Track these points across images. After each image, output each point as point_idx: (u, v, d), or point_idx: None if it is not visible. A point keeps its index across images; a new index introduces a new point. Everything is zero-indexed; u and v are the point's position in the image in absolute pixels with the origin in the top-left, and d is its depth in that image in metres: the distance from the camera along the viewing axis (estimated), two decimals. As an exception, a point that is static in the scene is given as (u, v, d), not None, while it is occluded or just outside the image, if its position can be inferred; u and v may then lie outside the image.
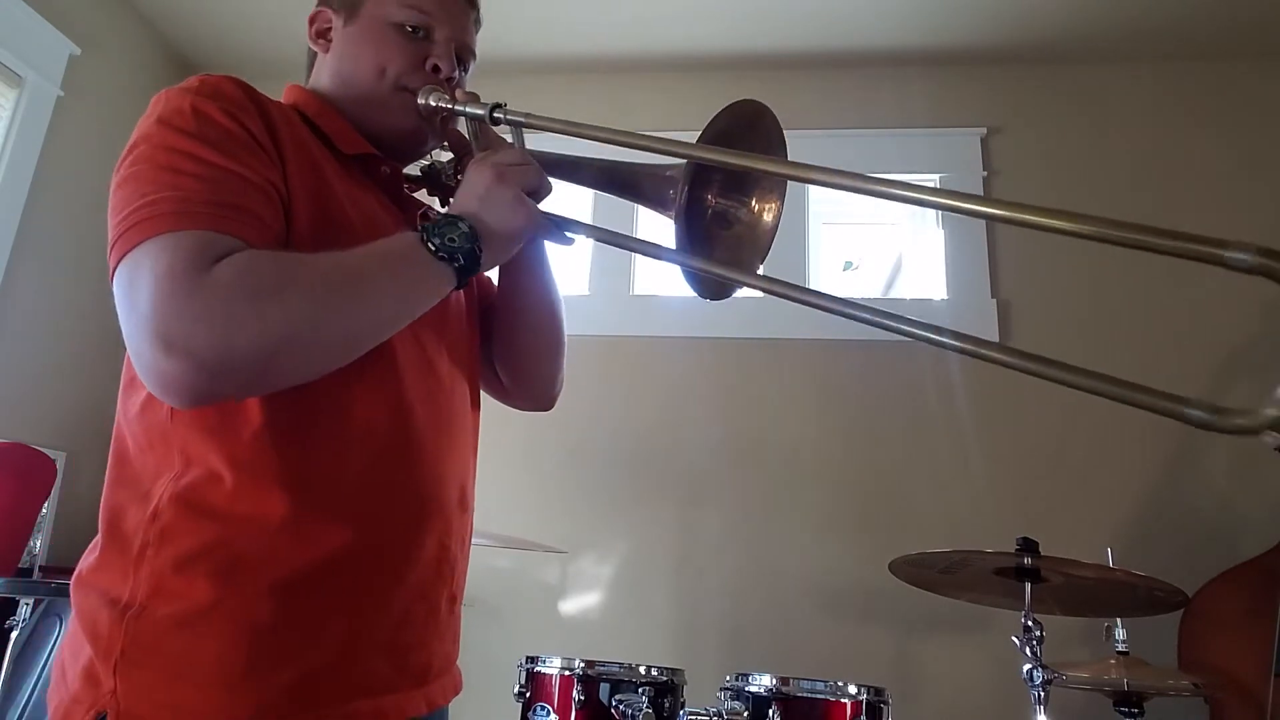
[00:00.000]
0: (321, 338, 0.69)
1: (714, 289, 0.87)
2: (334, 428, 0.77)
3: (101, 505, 0.79)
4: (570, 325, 1.11)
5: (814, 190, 2.91)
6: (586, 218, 2.75)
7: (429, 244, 0.77)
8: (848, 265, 2.98)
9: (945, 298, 2.71)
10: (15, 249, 2.47)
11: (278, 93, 0.93)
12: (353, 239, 0.78)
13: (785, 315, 2.70)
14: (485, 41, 1.09)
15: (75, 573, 0.78)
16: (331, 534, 0.75)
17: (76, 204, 2.72)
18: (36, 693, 1.92)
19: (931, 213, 2.87)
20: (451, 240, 0.78)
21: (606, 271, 2.82)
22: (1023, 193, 2.77)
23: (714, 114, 0.82)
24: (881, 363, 2.60)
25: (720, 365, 2.69)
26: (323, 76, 0.96)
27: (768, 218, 0.91)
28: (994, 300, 2.63)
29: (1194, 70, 2.79)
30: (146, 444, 0.76)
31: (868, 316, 0.69)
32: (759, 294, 0.91)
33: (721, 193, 0.91)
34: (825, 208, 2.94)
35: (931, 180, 2.86)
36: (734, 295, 0.92)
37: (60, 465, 2.53)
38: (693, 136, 0.83)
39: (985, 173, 2.79)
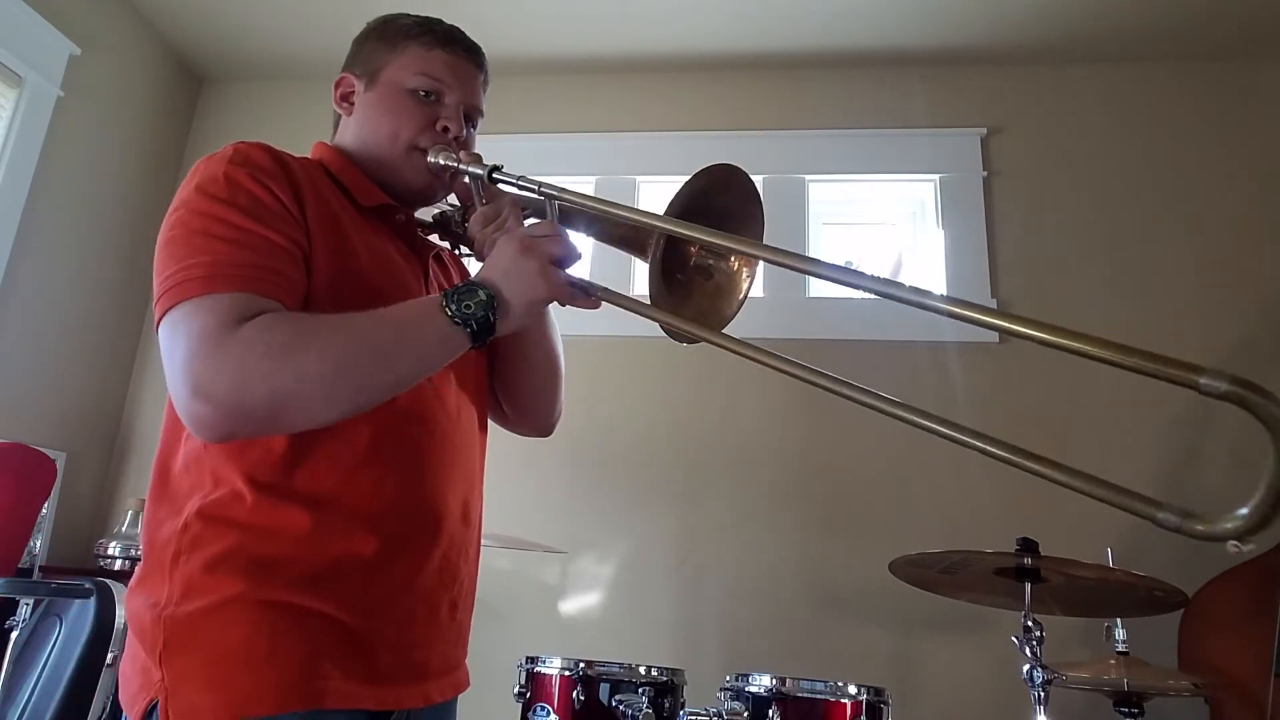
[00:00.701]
0: (333, 394, 0.79)
1: (685, 337, 0.93)
2: (347, 454, 0.87)
3: (142, 522, 0.90)
4: (570, 326, 1.15)
5: (814, 190, 2.92)
6: (587, 255, 2.78)
7: (447, 309, 0.83)
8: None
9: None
10: (15, 249, 2.47)
11: (289, 96, 0.98)
12: (367, 283, 0.90)
13: (785, 316, 2.70)
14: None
15: (128, 586, 0.89)
16: (343, 543, 0.84)
17: (76, 204, 2.72)
18: (37, 693, 1.92)
19: (931, 212, 2.87)
20: (468, 307, 0.84)
21: (606, 273, 2.82)
22: (1022, 193, 2.77)
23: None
24: (881, 363, 2.60)
25: (720, 365, 2.69)
26: (346, 135, 1.07)
27: (745, 272, 1.00)
28: (994, 300, 2.63)
29: (1194, 70, 2.79)
30: (183, 468, 0.87)
31: (848, 393, 0.76)
32: (759, 294, 0.95)
33: (702, 246, 0.99)
34: (825, 208, 2.95)
35: (931, 180, 2.86)
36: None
37: (60, 465, 2.53)
38: (691, 136, 0.85)
39: (985, 173, 2.79)
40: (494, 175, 1.00)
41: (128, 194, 2.90)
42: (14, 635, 1.87)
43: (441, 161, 1.03)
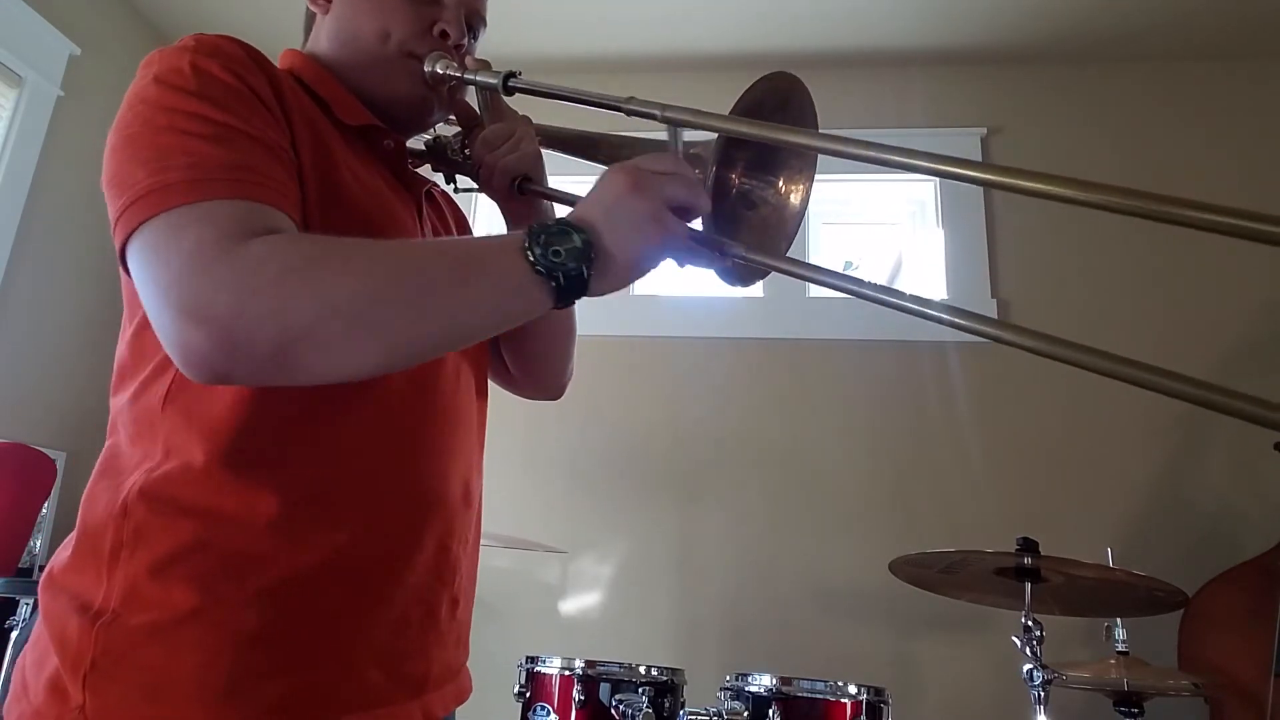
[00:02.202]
0: (362, 335, 0.60)
1: (743, 275, 0.79)
2: (330, 419, 0.71)
3: (82, 498, 0.73)
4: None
5: (815, 190, 2.91)
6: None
7: (530, 252, 0.63)
8: (848, 265, 2.98)
9: (945, 298, 2.71)
10: (15, 249, 2.47)
11: None
12: (359, 215, 0.74)
13: (785, 316, 2.70)
14: (483, 43, 1.02)
15: (46, 570, 0.72)
16: (324, 535, 0.69)
17: (76, 204, 2.72)
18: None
19: (931, 212, 2.87)
20: (556, 254, 0.63)
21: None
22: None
23: (740, 91, 0.76)
24: (882, 362, 2.60)
25: (720, 365, 2.69)
26: (321, 39, 0.88)
27: (795, 199, 0.85)
28: (994, 300, 2.63)
29: (1194, 70, 2.79)
30: (135, 434, 0.71)
31: (909, 305, 0.68)
32: (759, 294, 0.90)
33: (748, 172, 0.84)
34: (825, 208, 2.95)
35: (932, 180, 2.86)
36: (735, 294, 0.89)
37: (60, 465, 2.53)
38: (691, 136, 0.81)
39: (985, 173, 2.78)
40: (510, 83, 0.83)
41: (128, 194, 2.90)
42: (14, 635, 1.87)
43: (440, 70, 0.84)
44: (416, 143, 0.96)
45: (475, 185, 0.94)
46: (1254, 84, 2.74)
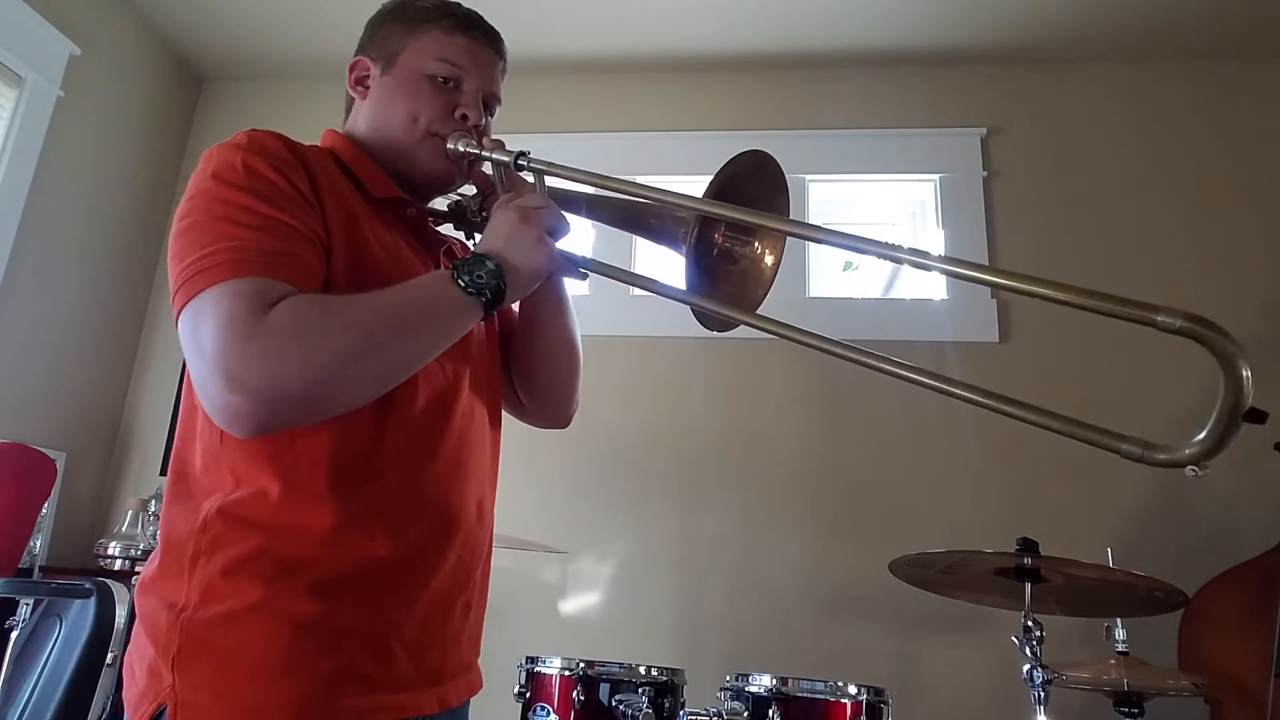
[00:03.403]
0: (363, 372, 0.78)
1: (719, 324, 0.95)
2: (369, 451, 0.85)
3: (160, 522, 0.88)
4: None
5: (814, 190, 2.92)
6: (588, 247, 2.76)
7: (458, 281, 0.84)
8: (848, 266, 2.99)
9: (945, 298, 2.71)
10: (15, 249, 2.47)
11: (289, 96, 0.96)
12: (381, 278, 0.86)
13: (784, 316, 2.69)
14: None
15: (139, 581, 0.87)
16: (367, 545, 0.83)
17: (76, 204, 2.72)
18: (37, 693, 1.92)
19: (931, 212, 2.87)
20: (479, 277, 0.85)
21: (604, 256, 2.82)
22: (1022, 193, 2.77)
23: (722, 162, 0.91)
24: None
25: (720, 365, 2.69)
26: (359, 122, 1.04)
27: (769, 259, 1.00)
28: (994, 300, 2.63)
29: (1194, 70, 2.79)
30: (203, 467, 0.85)
31: (870, 361, 0.78)
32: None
33: (728, 233, 1.00)
34: (825, 208, 2.95)
35: (931, 180, 2.86)
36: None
37: (60, 465, 2.53)
38: (690, 136, 0.85)
39: (985, 173, 2.79)
40: (519, 162, 0.98)
41: (128, 194, 2.90)
42: (14, 635, 1.87)
43: (462, 149, 1.00)
44: (441, 203, 1.12)
45: None
46: (1254, 84, 2.75)
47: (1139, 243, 2.65)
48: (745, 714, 1.59)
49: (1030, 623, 1.57)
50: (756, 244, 0.99)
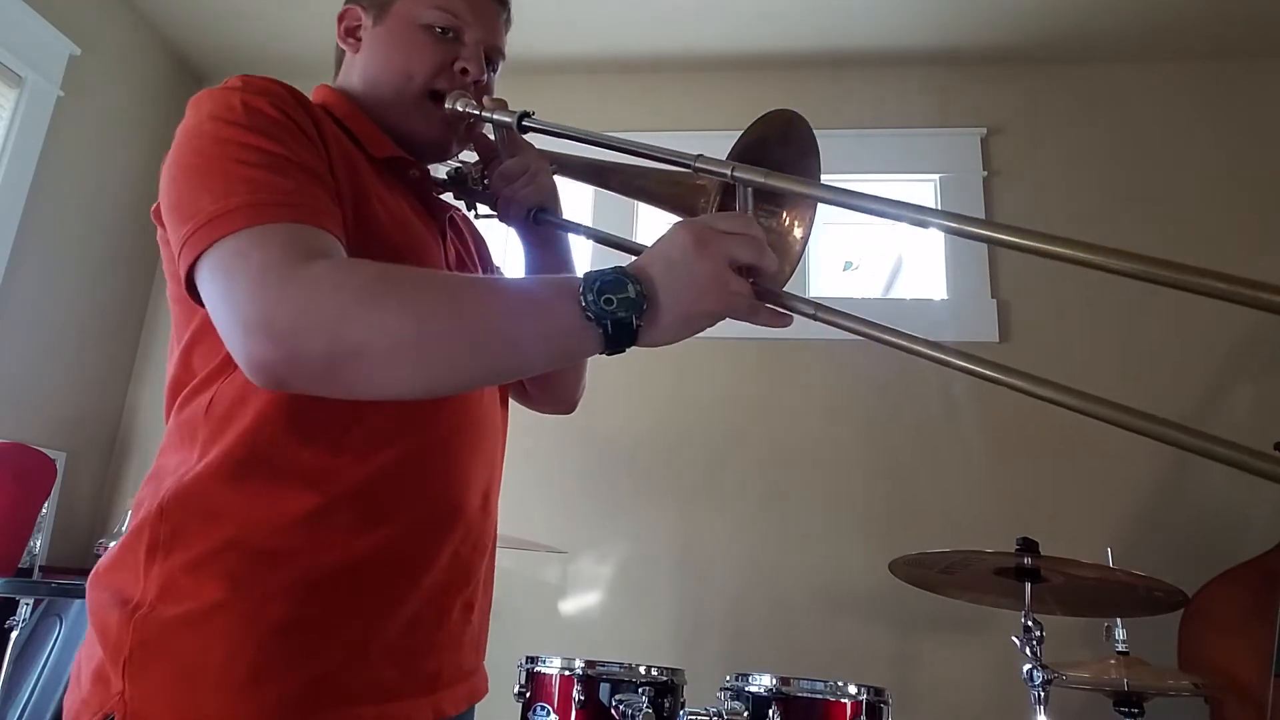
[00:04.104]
0: (405, 361, 0.64)
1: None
2: (362, 427, 0.76)
3: (133, 505, 0.79)
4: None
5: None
6: (586, 214, 2.76)
7: (583, 297, 0.65)
8: (848, 265, 2.98)
9: (945, 298, 2.71)
10: (15, 249, 2.47)
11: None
12: (385, 242, 0.78)
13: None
14: (510, 44, 1.06)
15: (93, 570, 0.77)
16: (352, 536, 0.74)
17: (76, 204, 2.72)
18: (37, 693, 1.92)
19: (931, 213, 2.87)
20: (609, 302, 0.64)
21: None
22: (1022, 193, 2.77)
23: (748, 123, 0.79)
24: (882, 363, 2.59)
25: (720, 365, 2.69)
26: (351, 76, 0.95)
27: (798, 231, 0.89)
28: (994, 300, 2.63)
29: (1195, 70, 2.79)
30: (178, 443, 0.77)
31: (919, 348, 0.70)
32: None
33: (754, 203, 0.85)
34: (825, 207, 2.93)
35: (931, 180, 2.86)
36: None
37: (60, 465, 2.53)
38: (690, 136, 0.83)
39: (985, 173, 2.79)
40: (524, 123, 0.88)
41: (127, 194, 2.90)
42: (14, 635, 1.87)
43: (460, 108, 0.90)
44: (440, 171, 1.01)
45: (494, 214, 1.01)
46: (1254, 83, 2.74)
47: (1139, 243, 2.65)
48: (745, 714, 1.59)
49: (1030, 623, 1.57)
50: (785, 214, 0.88)
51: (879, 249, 3.04)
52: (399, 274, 0.67)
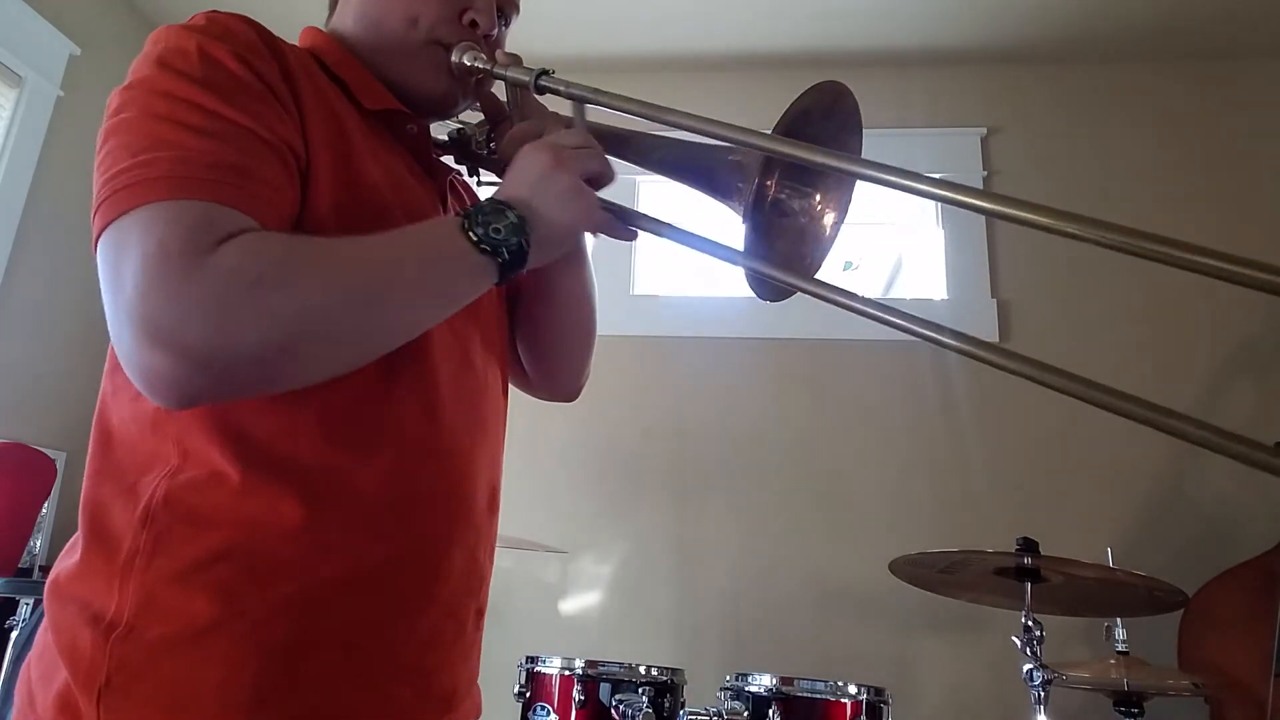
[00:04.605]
0: (336, 337, 0.60)
1: (775, 292, 0.80)
2: (361, 423, 0.69)
3: (82, 500, 0.68)
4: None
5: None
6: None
7: (470, 234, 0.66)
8: (848, 265, 2.98)
9: (945, 298, 2.71)
10: (15, 249, 2.47)
11: None
12: (380, 204, 0.72)
13: (786, 315, 2.69)
14: (512, 43, 0.97)
15: (51, 578, 0.67)
16: (354, 544, 0.66)
17: (76, 204, 2.71)
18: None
19: (932, 212, 2.87)
20: (497, 231, 0.66)
21: (606, 270, 2.82)
22: (1022, 193, 2.76)
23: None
24: (882, 362, 2.60)
25: (720, 365, 2.69)
26: (346, 19, 0.85)
27: (830, 216, 0.83)
28: (994, 300, 2.63)
29: (1194, 70, 2.79)
30: (137, 432, 0.67)
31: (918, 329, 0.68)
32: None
33: (785, 181, 0.83)
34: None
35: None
36: (735, 295, 0.86)
37: (60, 465, 2.53)
38: (693, 136, 0.81)
39: (985, 172, 2.79)
40: (541, 82, 0.80)
41: (128, 194, 2.90)
42: (14, 635, 1.87)
43: (469, 63, 0.81)
44: (439, 131, 0.93)
45: (500, 180, 0.90)
46: (1254, 84, 2.74)
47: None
48: (745, 714, 1.59)
49: (1030, 623, 1.57)
50: (818, 196, 0.82)
51: (879, 249, 3.04)
52: (309, 247, 0.62)
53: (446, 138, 0.94)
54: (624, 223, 0.79)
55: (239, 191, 0.61)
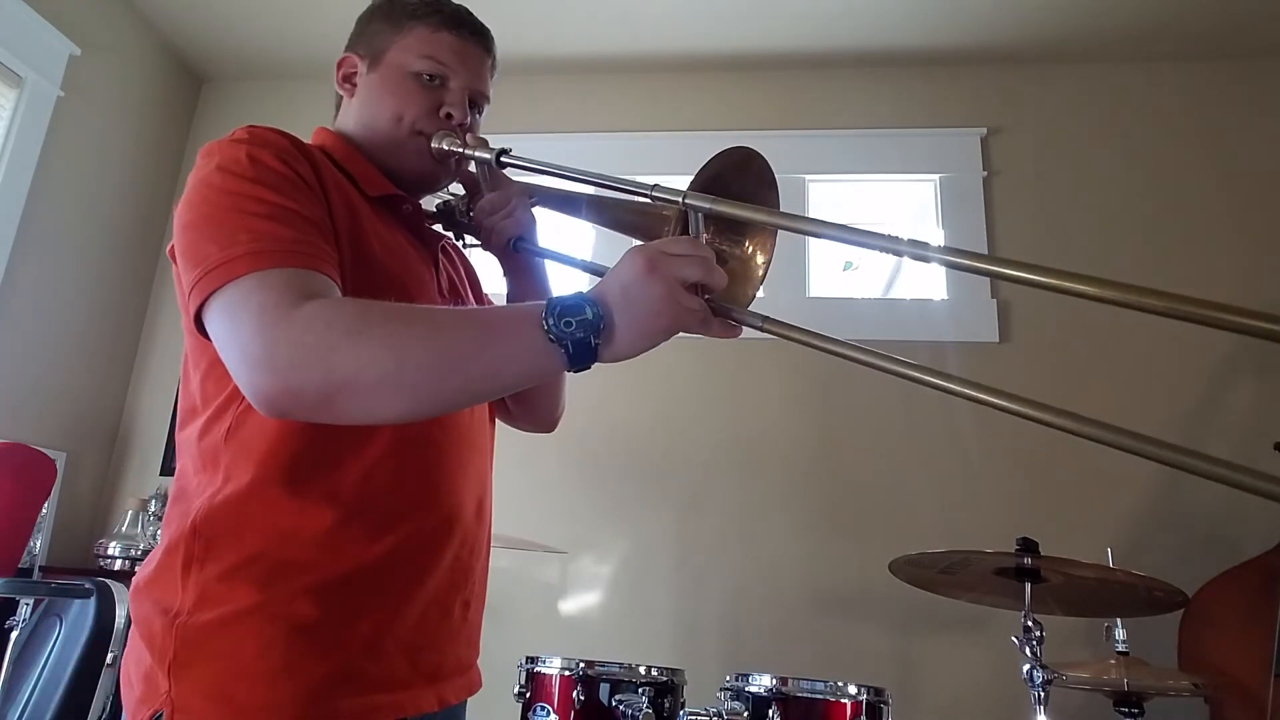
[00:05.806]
0: (392, 389, 0.71)
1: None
2: (367, 449, 0.85)
3: (162, 523, 0.89)
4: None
5: (814, 190, 2.91)
6: (589, 240, 2.75)
7: (545, 321, 0.72)
8: (848, 265, 2.98)
9: (945, 298, 2.71)
10: (15, 249, 2.47)
11: (289, 96, 0.97)
12: (384, 273, 0.88)
13: (784, 315, 2.68)
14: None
15: (133, 583, 0.86)
16: (364, 545, 0.83)
17: (76, 204, 2.72)
18: (37, 693, 1.92)
19: (932, 212, 2.87)
20: (568, 324, 0.72)
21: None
22: (1022, 193, 2.77)
23: (708, 158, 0.86)
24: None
25: (720, 365, 2.69)
26: (348, 119, 1.04)
27: (760, 258, 0.96)
28: (994, 300, 2.63)
29: (1194, 70, 2.79)
30: (201, 465, 0.85)
31: (862, 357, 0.73)
32: (760, 294, 0.94)
33: (715, 231, 0.94)
34: (825, 208, 2.94)
35: (931, 180, 2.86)
36: None
37: (60, 465, 2.53)
38: (690, 136, 0.83)
39: (985, 173, 2.79)
40: (502, 159, 0.98)
41: (128, 194, 2.90)
42: (14, 635, 1.87)
43: (445, 146, 1.00)
44: (431, 205, 1.12)
45: (479, 244, 1.10)
46: (1253, 84, 2.74)
47: (1139, 243, 2.65)
48: (745, 714, 1.59)
49: (1030, 623, 1.56)
50: (747, 242, 0.95)
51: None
52: (383, 311, 0.74)
53: (436, 209, 1.13)
54: (733, 322, 0.83)
55: (309, 258, 0.78)
